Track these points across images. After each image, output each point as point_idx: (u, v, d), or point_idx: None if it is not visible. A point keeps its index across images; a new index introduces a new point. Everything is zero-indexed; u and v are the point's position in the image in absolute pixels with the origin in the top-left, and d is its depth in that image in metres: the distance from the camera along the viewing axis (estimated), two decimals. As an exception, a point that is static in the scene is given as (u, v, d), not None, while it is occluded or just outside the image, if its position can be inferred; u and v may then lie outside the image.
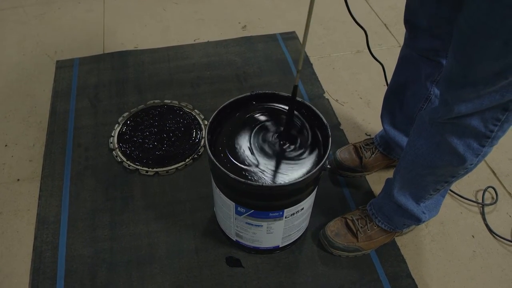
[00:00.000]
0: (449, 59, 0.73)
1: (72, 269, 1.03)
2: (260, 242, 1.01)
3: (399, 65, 1.06)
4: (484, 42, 0.62)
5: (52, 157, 1.28)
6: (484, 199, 1.20)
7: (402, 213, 0.99)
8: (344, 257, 1.06)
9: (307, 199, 0.93)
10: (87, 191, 1.19)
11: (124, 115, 1.39)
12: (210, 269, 1.04)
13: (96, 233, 1.10)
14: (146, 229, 1.11)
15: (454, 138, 0.78)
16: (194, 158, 1.27)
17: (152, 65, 1.60)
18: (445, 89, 0.75)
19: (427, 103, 1.02)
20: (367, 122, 1.41)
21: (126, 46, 1.68)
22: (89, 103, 1.45)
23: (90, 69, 1.57)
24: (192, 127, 1.36)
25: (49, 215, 1.14)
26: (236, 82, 1.54)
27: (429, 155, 0.85)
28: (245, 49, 1.67)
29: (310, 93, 1.50)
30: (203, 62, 1.62)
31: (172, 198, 1.18)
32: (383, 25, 1.80)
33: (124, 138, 1.32)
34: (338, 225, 1.07)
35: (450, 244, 1.11)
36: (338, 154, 1.23)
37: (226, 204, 0.93)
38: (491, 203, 1.20)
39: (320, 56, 1.66)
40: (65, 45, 1.69)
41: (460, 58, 0.68)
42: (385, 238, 1.06)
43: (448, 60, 0.75)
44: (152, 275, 1.03)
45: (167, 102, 1.44)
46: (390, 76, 1.26)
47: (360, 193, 1.21)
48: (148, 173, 1.23)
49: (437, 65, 0.94)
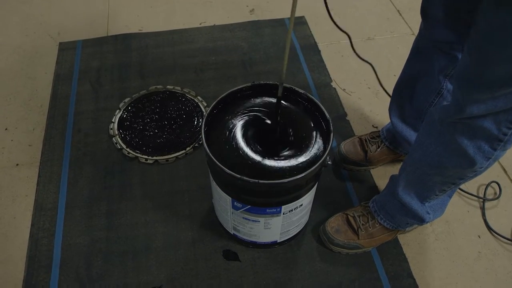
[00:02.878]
0: (464, 55, 0.69)
1: (67, 257, 1.03)
2: (258, 237, 0.98)
3: (411, 55, 1.01)
4: (504, 40, 0.57)
5: (51, 142, 1.26)
6: (486, 194, 1.15)
7: (406, 212, 0.95)
8: (344, 254, 1.04)
9: (306, 195, 0.90)
10: (85, 178, 1.18)
11: (126, 101, 1.37)
12: (207, 262, 1.02)
13: (92, 222, 1.09)
14: (143, 219, 1.09)
15: (465, 139, 0.74)
16: (194, 146, 1.25)
17: (156, 49, 1.56)
18: (457, 88, 0.71)
19: (438, 98, 0.98)
20: (374, 113, 1.36)
21: (131, 28, 1.64)
22: (90, 87, 1.42)
23: (93, 52, 1.54)
24: (194, 115, 1.32)
25: (46, 202, 1.13)
26: (242, 69, 1.49)
27: (437, 155, 0.81)
28: (252, 34, 1.62)
29: (317, 81, 1.45)
30: (208, 47, 1.57)
31: (171, 188, 1.16)
32: (396, 11, 1.72)
33: (125, 125, 1.29)
34: (338, 221, 1.04)
35: (454, 244, 1.07)
36: (343, 147, 1.20)
37: (223, 198, 0.90)
38: (493, 199, 1.16)
39: (329, 42, 1.60)
40: (69, 26, 1.65)
41: (476, 56, 0.63)
42: (387, 236, 1.03)
43: (463, 56, 0.70)
44: (148, 267, 1.01)
45: (169, 88, 1.41)
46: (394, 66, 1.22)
47: (364, 188, 1.17)
48: (147, 161, 1.21)
49: (452, 58, 0.89)
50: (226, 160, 0.82)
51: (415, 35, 0.97)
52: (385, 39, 1.60)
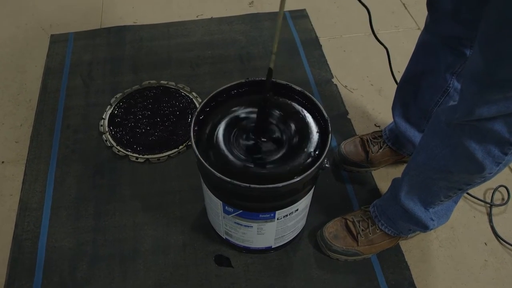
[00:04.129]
0: (474, 52, 0.63)
1: (51, 261, 0.98)
2: (251, 242, 0.93)
3: (416, 51, 0.95)
4: None
5: (39, 139, 1.21)
6: (493, 199, 1.09)
7: (409, 218, 0.89)
8: (342, 261, 0.98)
9: (302, 200, 0.84)
10: (73, 177, 1.13)
11: (117, 96, 1.31)
12: (197, 267, 0.97)
13: (79, 223, 1.04)
14: (132, 221, 1.04)
15: (473, 143, 0.68)
16: (188, 145, 1.19)
17: (150, 42, 1.50)
18: (466, 87, 0.65)
19: (445, 97, 0.92)
20: (377, 111, 1.30)
21: (125, 20, 1.59)
22: (81, 81, 1.37)
23: (85, 45, 1.49)
24: (188, 111, 1.27)
25: (32, 202, 1.08)
26: (239, 63, 1.43)
27: (443, 158, 0.75)
28: (250, 28, 1.56)
29: (318, 77, 1.39)
30: (205, 40, 1.51)
31: (162, 188, 1.11)
32: (401, 4, 1.66)
33: (115, 121, 1.24)
34: (337, 226, 0.99)
35: (459, 251, 1.02)
36: (343, 147, 1.14)
37: (214, 201, 0.85)
38: (501, 204, 1.10)
39: (331, 37, 1.53)
40: (62, 18, 1.60)
41: (487, 53, 0.57)
42: (387, 243, 0.97)
43: (472, 53, 0.64)
44: (135, 271, 0.96)
45: (163, 83, 1.35)
46: (398, 62, 1.15)
47: (365, 190, 1.12)
48: (138, 160, 1.16)
49: (460, 55, 0.83)
50: (216, 162, 0.76)
51: (421, 30, 0.91)
52: (389, 33, 1.53)
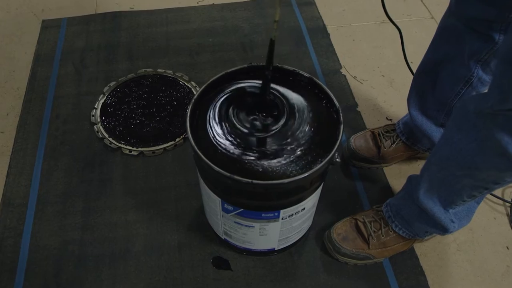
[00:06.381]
0: (509, 33, 0.54)
1: (35, 261, 0.90)
2: (252, 244, 0.85)
3: (437, 37, 0.86)
4: None
5: (26, 129, 1.13)
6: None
7: (426, 219, 0.81)
8: (351, 265, 0.90)
9: (309, 198, 0.76)
10: (61, 170, 1.05)
11: (111, 85, 1.23)
12: (193, 270, 0.89)
13: (66, 221, 0.96)
14: (123, 219, 0.96)
15: (505, 136, 0.59)
16: (185, 137, 1.11)
17: (147, 28, 1.42)
18: (501, 72, 0.57)
19: (467, 87, 0.83)
20: (388, 104, 1.22)
21: (121, 6, 1.50)
22: (73, 69, 1.28)
23: (79, 31, 1.40)
24: (186, 102, 1.18)
25: (15, 197, 1.00)
26: (241, 52, 1.35)
27: (469, 153, 0.66)
28: (254, 14, 1.47)
29: (325, 67, 1.30)
30: (205, 27, 1.43)
31: (157, 184, 1.03)
32: (414, -8, 1.57)
33: (108, 111, 1.16)
34: (346, 227, 0.91)
35: (479, 256, 0.93)
36: (353, 142, 1.05)
37: (212, 198, 0.77)
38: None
39: (340, 25, 1.45)
40: (54, 3, 1.51)
41: None
42: (401, 246, 0.89)
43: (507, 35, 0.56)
44: (126, 274, 0.88)
45: (160, 72, 1.27)
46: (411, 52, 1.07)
47: (376, 188, 1.04)
48: (131, 152, 1.07)
49: (488, 40, 0.74)
50: (215, 155, 0.68)
51: (434, 19, 0.83)
52: (401, 22, 1.44)
